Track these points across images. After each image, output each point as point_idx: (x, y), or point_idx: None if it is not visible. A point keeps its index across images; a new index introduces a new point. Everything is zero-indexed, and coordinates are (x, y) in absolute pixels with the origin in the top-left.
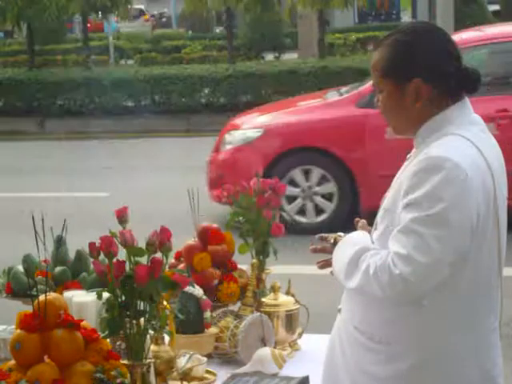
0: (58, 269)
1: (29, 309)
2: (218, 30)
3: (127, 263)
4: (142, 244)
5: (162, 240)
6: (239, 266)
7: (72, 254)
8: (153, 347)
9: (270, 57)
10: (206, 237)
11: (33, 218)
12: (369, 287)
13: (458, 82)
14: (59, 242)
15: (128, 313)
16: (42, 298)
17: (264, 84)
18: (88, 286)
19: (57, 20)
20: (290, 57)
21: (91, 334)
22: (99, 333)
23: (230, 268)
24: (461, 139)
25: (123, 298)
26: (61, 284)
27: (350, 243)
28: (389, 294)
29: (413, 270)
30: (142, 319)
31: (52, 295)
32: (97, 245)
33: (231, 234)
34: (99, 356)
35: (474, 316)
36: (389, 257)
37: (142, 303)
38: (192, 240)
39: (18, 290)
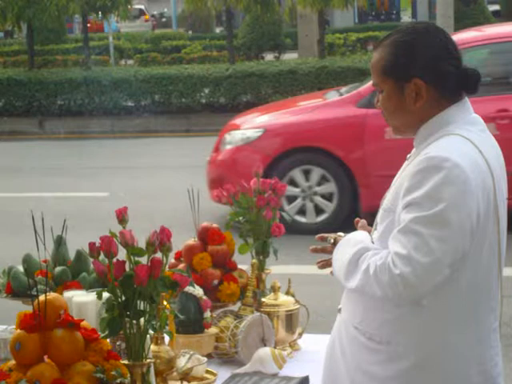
0: (58, 269)
1: (29, 309)
2: (218, 30)
3: (127, 263)
4: (141, 244)
5: (162, 240)
6: (239, 266)
7: (72, 254)
8: (153, 347)
9: (269, 57)
10: (206, 237)
11: (33, 217)
12: (369, 287)
13: (457, 82)
14: (59, 242)
15: (128, 313)
16: (41, 297)
17: (264, 84)
18: (88, 286)
19: (57, 20)
20: (290, 57)
21: (91, 334)
22: (99, 333)
23: (230, 268)
24: (461, 139)
25: (123, 297)
26: (61, 284)
27: (349, 243)
28: (389, 294)
29: (413, 270)
30: (142, 319)
31: (52, 295)
32: (97, 245)
33: (231, 233)
34: (99, 356)
35: (473, 316)
36: (389, 257)
37: (142, 303)
38: (192, 240)
39: (18, 290)
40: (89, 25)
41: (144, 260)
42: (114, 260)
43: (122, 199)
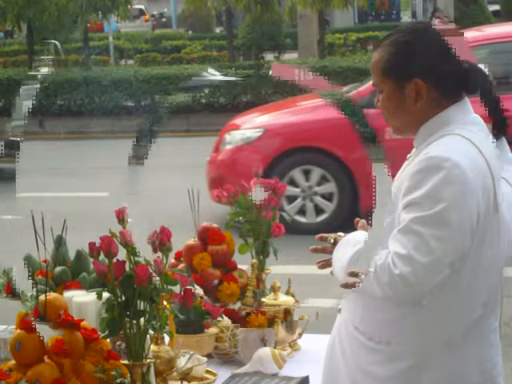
0: (58, 269)
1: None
2: (217, 29)
3: (127, 263)
4: (142, 244)
5: (162, 240)
6: (239, 266)
7: (72, 254)
8: (153, 347)
9: (270, 57)
10: (206, 237)
11: (33, 217)
12: (369, 287)
13: (457, 82)
14: (59, 242)
15: (128, 313)
16: (42, 297)
17: (264, 84)
18: (88, 286)
19: (57, 20)
20: (290, 57)
21: (91, 334)
22: (99, 333)
23: (230, 268)
24: (461, 139)
25: (123, 297)
26: (61, 284)
27: (349, 243)
28: (388, 293)
29: (413, 270)
30: (142, 319)
31: (52, 295)
32: (97, 245)
33: (231, 233)
34: (99, 356)
35: (473, 316)
36: (389, 257)
37: (142, 303)
38: (192, 240)
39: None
40: (89, 25)
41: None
42: (114, 260)
43: (121, 199)
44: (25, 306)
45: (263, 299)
